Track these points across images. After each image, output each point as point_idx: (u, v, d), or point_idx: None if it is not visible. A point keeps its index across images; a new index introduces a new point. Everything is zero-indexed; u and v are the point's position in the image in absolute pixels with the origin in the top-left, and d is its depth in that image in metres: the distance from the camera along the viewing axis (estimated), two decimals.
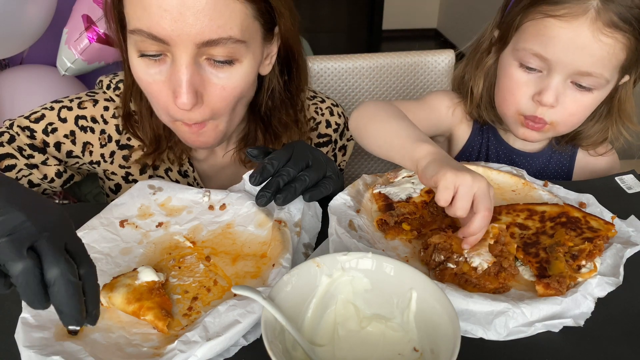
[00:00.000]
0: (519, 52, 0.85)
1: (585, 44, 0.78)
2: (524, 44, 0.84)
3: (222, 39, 0.70)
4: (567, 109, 0.86)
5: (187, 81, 0.71)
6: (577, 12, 0.78)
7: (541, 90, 0.84)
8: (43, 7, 1.35)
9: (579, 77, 0.82)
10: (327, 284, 0.55)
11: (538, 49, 0.82)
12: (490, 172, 0.84)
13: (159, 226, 0.72)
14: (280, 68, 0.89)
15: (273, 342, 0.47)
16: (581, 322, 0.59)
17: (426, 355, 0.52)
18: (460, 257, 0.64)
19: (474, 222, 0.63)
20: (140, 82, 0.76)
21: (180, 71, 0.71)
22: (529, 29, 0.84)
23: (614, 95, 0.92)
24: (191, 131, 0.79)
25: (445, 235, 0.66)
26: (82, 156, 0.89)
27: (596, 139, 0.98)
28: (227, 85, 0.75)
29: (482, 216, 0.62)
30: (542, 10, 0.81)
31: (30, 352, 0.51)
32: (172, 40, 0.69)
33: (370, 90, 1.42)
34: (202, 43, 0.70)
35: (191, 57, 0.71)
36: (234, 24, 0.71)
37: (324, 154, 0.79)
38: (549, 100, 0.83)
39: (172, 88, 0.73)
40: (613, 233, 0.69)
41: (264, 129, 0.92)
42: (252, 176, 0.71)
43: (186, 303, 0.60)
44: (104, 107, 0.90)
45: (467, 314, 0.58)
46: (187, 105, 0.72)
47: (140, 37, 0.71)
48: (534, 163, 1.02)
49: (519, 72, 0.87)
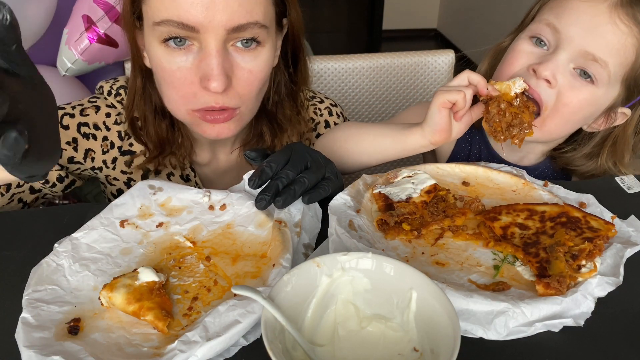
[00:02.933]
0: (533, 25, 0.85)
1: (600, 23, 0.77)
2: (541, 15, 0.84)
3: (249, 24, 0.73)
4: (562, 96, 0.82)
5: (219, 64, 0.73)
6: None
7: (541, 62, 0.82)
8: (43, 7, 1.35)
9: (583, 61, 0.80)
10: (327, 284, 0.55)
11: (552, 19, 0.81)
12: (490, 172, 0.84)
13: (159, 226, 0.72)
14: (284, 62, 0.90)
15: (273, 342, 0.47)
16: (581, 321, 0.59)
17: (426, 355, 0.52)
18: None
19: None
20: (163, 72, 0.77)
21: (211, 55, 0.73)
22: (550, 3, 0.84)
23: (610, 134, 0.91)
24: (212, 122, 0.80)
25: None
26: (84, 162, 0.89)
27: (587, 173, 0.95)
28: (253, 69, 0.78)
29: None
30: None
31: (30, 352, 0.51)
32: (203, 27, 0.71)
33: (370, 90, 1.42)
34: (232, 28, 0.72)
35: (221, 43, 0.73)
36: (259, 9, 0.74)
37: (322, 155, 0.79)
38: (545, 72, 0.80)
39: (201, 74, 0.75)
40: (613, 233, 0.69)
41: (269, 124, 0.92)
42: (251, 179, 0.71)
43: (186, 303, 0.60)
44: (105, 114, 0.90)
45: (467, 313, 0.58)
46: (220, 87, 0.74)
47: (167, 28, 0.72)
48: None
49: (526, 43, 0.85)
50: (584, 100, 0.83)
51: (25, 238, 0.72)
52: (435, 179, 0.79)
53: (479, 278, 0.64)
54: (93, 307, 0.59)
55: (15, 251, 0.69)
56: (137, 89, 0.87)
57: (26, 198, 0.88)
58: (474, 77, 0.79)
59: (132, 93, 0.87)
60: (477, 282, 0.63)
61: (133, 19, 0.79)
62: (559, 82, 0.81)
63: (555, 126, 0.86)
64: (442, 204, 0.75)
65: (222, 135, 0.83)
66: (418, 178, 0.79)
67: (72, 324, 0.56)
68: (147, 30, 0.76)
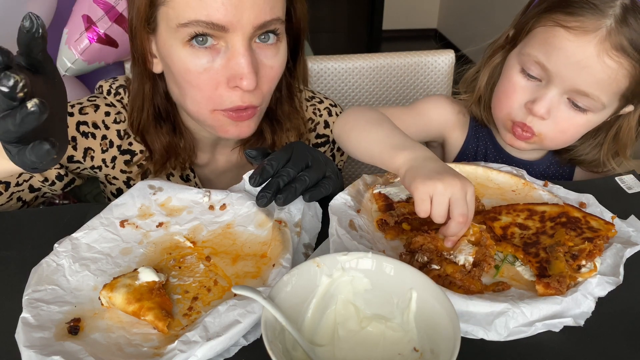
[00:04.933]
0: (523, 57, 0.84)
1: (588, 62, 0.76)
2: (530, 49, 0.83)
3: (274, 20, 0.74)
4: (558, 125, 0.84)
5: (249, 62, 0.73)
6: (588, 28, 0.76)
7: (535, 99, 0.83)
8: (43, 7, 1.35)
9: (575, 95, 0.80)
10: (327, 284, 0.55)
11: (541, 57, 0.81)
12: (490, 172, 0.84)
13: (159, 226, 0.72)
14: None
15: (273, 342, 0.47)
16: (581, 321, 0.59)
17: (426, 355, 0.52)
18: (448, 254, 0.65)
19: (449, 227, 0.63)
20: (189, 74, 0.75)
21: (241, 54, 0.73)
22: (538, 35, 0.83)
23: (614, 124, 0.91)
24: (237, 120, 0.80)
25: (429, 236, 0.66)
26: (83, 161, 0.89)
27: (590, 163, 0.96)
28: (274, 65, 0.78)
29: (456, 222, 0.62)
30: (556, 18, 0.79)
31: (31, 352, 0.51)
32: (232, 25, 0.71)
33: (370, 90, 1.42)
34: (259, 25, 0.72)
35: (248, 41, 0.73)
36: (280, 5, 0.75)
37: (323, 154, 0.79)
38: (540, 110, 0.82)
39: (229, 74, 0.74)
40: (613, 233, 0.69)
41: (269, 121, 0.92)
42: (252, 177, 0.71)
43: (186, 303, 0.60)
44: (105, 113, 0.89)
45: (467, 315, 0.58)
46: (252, 85, 0.73)
47: (195, 28, 0.71)
48: (532, 172, 1.00)
49: (519, 76, 0.85)
50: (580, 125, 0.85)
51: (25, 238, 0.72)
52: None
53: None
54: (93, 307, 0.59)
55: (15, 251, 0.69)
56: (146, 95, 0.84)
57: (25, 197, 0.88)
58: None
59: (141, 100, 0.85)
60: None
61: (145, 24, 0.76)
62: (552, 115, 0.83)
63: (554, 145, 0.90)
64: None
65: (243, 134, 0.82)
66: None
67: (72, 324, 0.56)
68: (167, 33, 0.74)
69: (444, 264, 0.63)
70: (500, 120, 0.91)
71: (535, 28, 0.84)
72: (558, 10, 0.80)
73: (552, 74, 0.80)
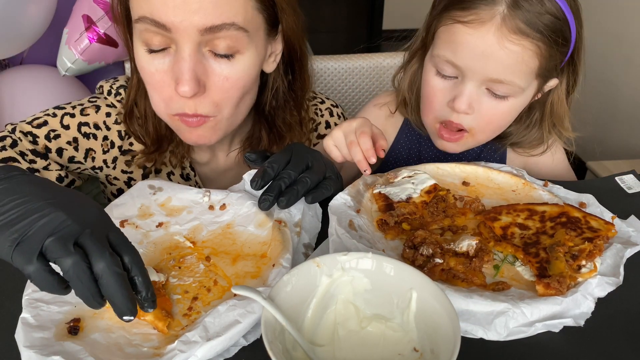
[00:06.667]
0: (435, 59, 0.85)
1: (492, 51, 0.78)
2: (438, 50, 0.84)
3: (225, 25, 0.71)
4: (483, 117, 0.85)
5: (190, 68, 0.71)
6: (483, 19, 0.78)
7: (455, 96, 0.84)
8: (43, 7, 1.35)
9: (491, 84, 0.82)
10: (327, 284, 0.55)
11: (449, 56, 0.82)
12: (490, 172, 0.84)
13: (159, 226, 0.72)
14: (284, 68, 0.89)
15: (273, 342, 0.47)
16: (581, 322, 0.59)
17: (426, 355, 0.52)
18: (448, 244, 0.65)
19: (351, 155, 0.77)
20: (143, 73, 0.76)
21: (183, 58, 0.71)
22: (442, 35, 0.84)
23: (546, 100, 0.92)
24: (189, 126, 0.79)
25: (429, 231, 0.68)
26: (84, 162, 0.89)
27: (531, 144, 0.97)
28: (230, 76, 0.75)
29: (354, 150, 0.77)
30: (453, 16, 0.81)
31: (31, 352, 0.51)
32: (174, 26, 0.70)
33: (370, 90, 1.42)
34: (205, 29, 0.70)
35: (195, 45, 0.71)
36: (237, 12, 0.72)
37: (322, 155, 0.79)
38: (462, 107, 0.83)
39: (175, 77, 0.73)
40: (613, 233, 0.69)
41: (268, 129, 0.92)
42: (253, 180, 0.71)
43: (186, 303, 0.60)
44: (106, 114, 0.89)
45: (467, 314, 0.58)
46: (188, 92, 0.72)
47: (144, 26, 0.71)
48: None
49: (436, 79, 0.87)
50: (505, 112, 0.86)
51: None
52: (435, 179, 0.79)
53: None
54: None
55: None
56: (133, 85, 0.86)
57: None
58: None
59: (131, 89, 0.87)
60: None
61: (123, 16, 0.78)
62: (475, 108, 0.84)
63: (487, 137, 0.92)
64: (442, 204, 0.75)
65: (200, 141, 0.82)
66: (418, 178, 0.79)
67: (72, 324, 0.56)
68: (134, 27, 0.75)
69: (447, 257, 0.64)
70: (429, 126, 0.93)
71: (439, 28, 0.85)
72: (454, 7, 0.81)
73: (464, 69, 0.81)
